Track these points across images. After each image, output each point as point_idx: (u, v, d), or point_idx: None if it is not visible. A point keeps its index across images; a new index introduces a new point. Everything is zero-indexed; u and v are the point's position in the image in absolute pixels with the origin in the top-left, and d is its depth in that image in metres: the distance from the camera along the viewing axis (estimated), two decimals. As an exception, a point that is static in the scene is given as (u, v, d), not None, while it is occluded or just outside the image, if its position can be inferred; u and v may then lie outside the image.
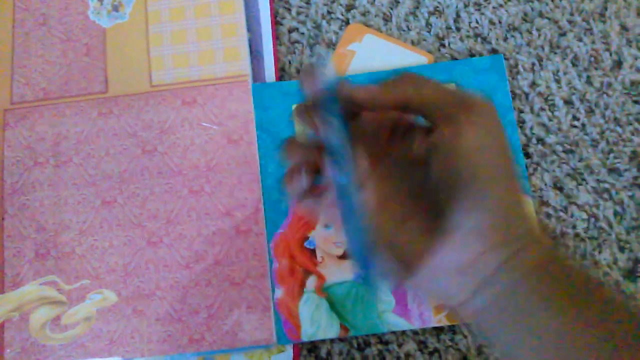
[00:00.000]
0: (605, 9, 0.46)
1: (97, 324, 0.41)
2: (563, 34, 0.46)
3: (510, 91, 0.45)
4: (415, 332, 0.41)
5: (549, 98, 0.45)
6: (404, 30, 0.46)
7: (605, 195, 0.43)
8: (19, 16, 0.47)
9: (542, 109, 0.45)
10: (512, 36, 0.46)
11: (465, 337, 0.41)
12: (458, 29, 0.46)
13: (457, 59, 0.45)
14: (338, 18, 0.47)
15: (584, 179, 0.43)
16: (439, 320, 0.41)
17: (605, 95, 0.45)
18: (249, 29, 0.46)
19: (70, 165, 0.44)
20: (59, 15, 0.47)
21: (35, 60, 0.46)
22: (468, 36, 0.46)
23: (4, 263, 0.42)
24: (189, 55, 0.45)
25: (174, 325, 0.41)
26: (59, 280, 0.42)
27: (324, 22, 0.47)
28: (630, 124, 0.44)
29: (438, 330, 0.41)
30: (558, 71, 0.45)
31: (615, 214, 0.43)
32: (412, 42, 0.46)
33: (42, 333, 0.41)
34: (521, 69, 0.45)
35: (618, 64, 0.45)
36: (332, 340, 0.41)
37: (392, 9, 0.47)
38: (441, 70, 0.44)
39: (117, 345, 0.41)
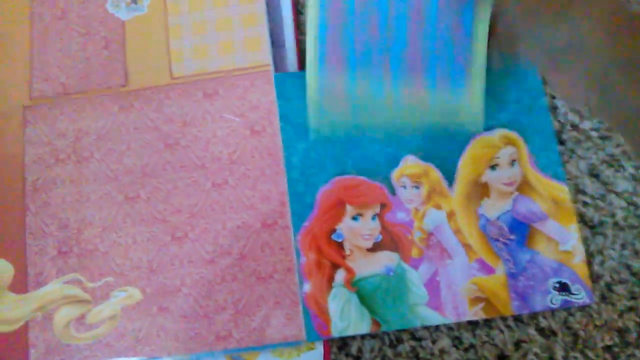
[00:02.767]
0: (640, -13, 0.44)
1: (122, 322, 0.40)
2: (596, 15, 0.44)
3: (542, 75, 0.43)
4: (449, 328, 0.40)
5: (583, 81, 0.43)
6: (429, 16, 0.45)
7: (646, 181, 0.41)
8: (37, 10, 0.46)
9: (577, 93, 0.43)
10: (543, 18, 0.44)
11: (502, 332, 0.40)
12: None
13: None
14: (361, 5, 0.46)
15: (621, 166, 0.42)
16: (475, 313, 0.39)
17: (642, 77, 0.43)
18: (269, 19, 0.45)
19: (91, 161, 0.43)
20: (77, 8, 0.46)
21: (54, 54, 0.45)
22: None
23: (27, 262, 0.42)
24: (210, 46, 0.44)
25: (201, 322, 0.40)
26: (82, 278, 0.41)
27: (346, 10, 0.46)
28: (670, 107, 0.42)
29: (473, 325, 0.40)
30: (592, 53, 0.43)
31: (656, 200, 0.41)
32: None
33: (67, 333, 0.40)
34: (553, 52, 0.44)
35: (655, 45, 0.43)
36: (363, 337, 0.40)
37: (416, -6, 0.45)
38: (470, 55, 0.43)
39: (142, 344, 0.40)
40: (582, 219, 0.41)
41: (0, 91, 0.45)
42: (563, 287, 0.39)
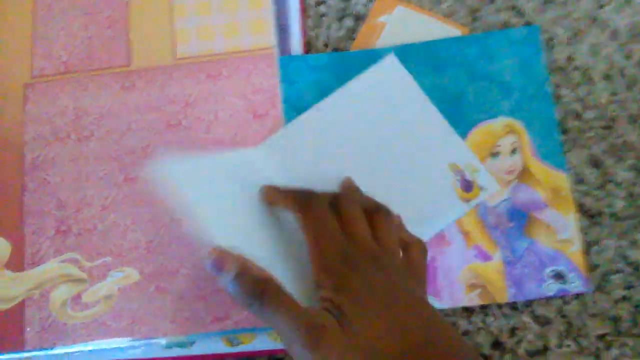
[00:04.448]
0: (646, -20, 0.44)
1: (119, 302, 0.40)
2: (601, 6, 0.44)
3: (547, 65, 0.43)
4: (445, 314, 0.40)
5: (586, 72, 0.43)
6: (435, 3, 0.45)
7: (645, 173, 0.41)
8: (39, -13, 0.46)
9: (579, 84, 0.43)
10: (549, 8, 0.44)
11: (496, 318, 0.40)
12: (492, 1, 0.45)
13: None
14: (366, -10, 0.45)
15: (622, 156, 0.42)
16: (471, 299, 0.39)
17: (644, 70, 0.43)
18: (275, 1, 0.45)
19: (92, 140, 0.43)
20: (80, -14, 0.46)
21: (57, 32, 0.45)
22: (503, 8, 0.44)
23: (24, 240, 0.42)
24: (214, 27, 0.44)
25: (198, 304, 0.40)
26: (79, 257, 0.41)
27: (351, -5, 0.45)
28: (671, 100, 0.42)
29: (469, 311, 0.40)
30: (596, 45, 0.43)
31: (655, 193, 0.41)
32: (445, 15, 0.44)
33: (63, 311, 0.40)
34: (557, 43, 0.44)
35: (658, 38, 0.43)
36: (360, 321, 0.40)
37: (422, -19, 0.45)
38: (475, 42, 0.43)
39: (139, 324, 0.40)
40: (581, 209, 0.41)
41: (1, 68, 0.45)
42: (559, 276, 0.39)
